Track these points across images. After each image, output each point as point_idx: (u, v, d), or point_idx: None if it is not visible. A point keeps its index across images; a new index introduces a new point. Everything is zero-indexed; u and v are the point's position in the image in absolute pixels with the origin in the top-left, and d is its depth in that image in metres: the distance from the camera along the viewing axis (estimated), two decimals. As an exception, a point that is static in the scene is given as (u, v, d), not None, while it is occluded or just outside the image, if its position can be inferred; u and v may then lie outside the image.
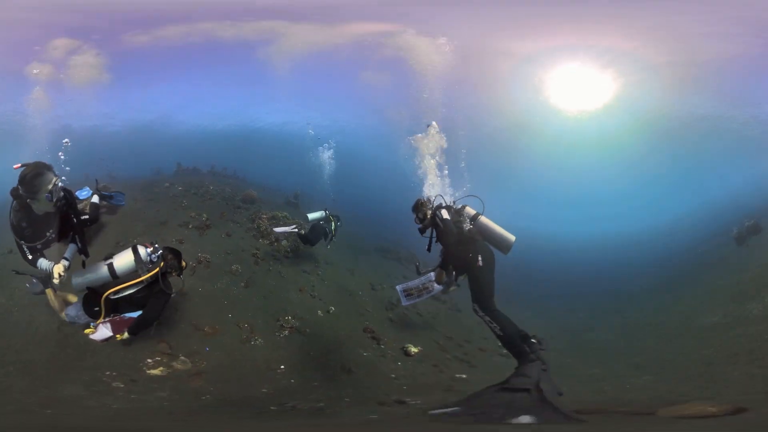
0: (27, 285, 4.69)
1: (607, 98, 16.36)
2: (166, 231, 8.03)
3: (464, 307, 8.77)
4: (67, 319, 4.55)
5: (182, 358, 4.68)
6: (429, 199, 5.23)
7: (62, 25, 12.05)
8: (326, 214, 8.51)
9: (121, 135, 18.91)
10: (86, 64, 13.38)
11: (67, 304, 4.79)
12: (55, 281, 4.13)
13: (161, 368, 4.44)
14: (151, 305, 4.35)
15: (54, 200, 4.02)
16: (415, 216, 5.13)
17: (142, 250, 4.39)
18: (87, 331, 4.32)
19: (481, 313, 4.31)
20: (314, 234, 8.13)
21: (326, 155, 16.22)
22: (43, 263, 4.19)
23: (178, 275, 4.63)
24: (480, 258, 4.55)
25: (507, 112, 17.91)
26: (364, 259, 11.09)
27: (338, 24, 12.58)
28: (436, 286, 6.35)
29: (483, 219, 5.07)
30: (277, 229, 8.43)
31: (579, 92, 16.11)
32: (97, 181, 5.39)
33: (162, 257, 4.44)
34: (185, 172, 15.16)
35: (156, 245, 4.47)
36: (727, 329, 5.01)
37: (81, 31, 12.50)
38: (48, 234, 4.20)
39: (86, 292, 4.39)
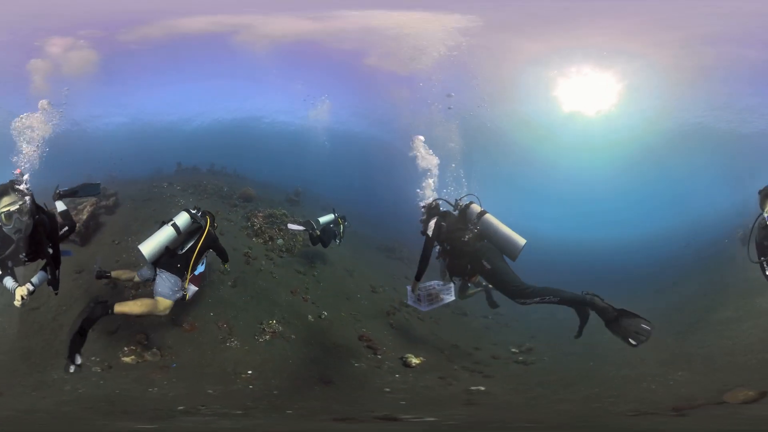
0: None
1: (612, 100, 15.83)
2: (162, 230, 8.06)
3: (470, 310, 8.54)
4: (173, 299, 4.72)
5: (154, 350, 4.85)
6: (434, 204, 5.21)
7: (52, 25, 12.02)
8: (335, 216, 8.60)
9: (121, 134, 18.92)
10: (80, 63, 13.34)
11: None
12: (17, 303, 3.93)
13: (133, 357, 4.73)
14: (217, 248, 5.30)
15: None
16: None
17: (191, 211, 5.09)
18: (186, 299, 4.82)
19: (528, 302, 4.32)
20: (327, 236, 8.20)
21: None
22: (8, 282, 4.03)
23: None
24: (485, 262, 4.54)
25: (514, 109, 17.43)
26: (364, 258, 10.82)
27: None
28: (446, 297, 5.50)
29: (489, 218, 4.83)
30: (291, 226, 8.41)
31: (584, 95, 15.59)
32: (58, 187, 5.15)
33: (204, 214, 5.22)
34: (185, 172, 15.06)
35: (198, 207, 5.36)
36: (740, 322, 5.30)
37: (73, 30, 12.45)
38: (21, 256, 4.07)
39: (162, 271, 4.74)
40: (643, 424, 3.48)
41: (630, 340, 3.90)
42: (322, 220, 8.34)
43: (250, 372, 4.72)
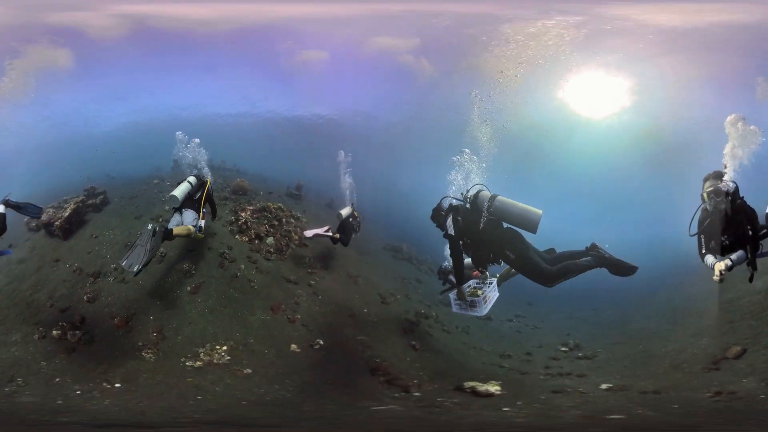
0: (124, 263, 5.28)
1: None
2: (139, 225, 7.58)
3: (493, 313, 7.46)
4: (195, 225, 6.10)
5: (77, 332, 5.08)
6: (441, 206, 5.28)
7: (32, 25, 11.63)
8: (352, 209, 8.16)
9: (118, 134, 18.55)
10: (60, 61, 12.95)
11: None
12: None
13: (59, 332, 5.12)
14: (212, 201, 7.02)
15: None
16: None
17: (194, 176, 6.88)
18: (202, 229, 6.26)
19: (553, 284, 4.62)
20: (347, 231, 7.77)
21: None
22: None
23: None
24: (507, 251, 4.72)
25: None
26: (369, 260, 9.73)
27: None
28: (493, 294, 5.58)
29: (501, 200, 4.86)
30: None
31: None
32: (8, 195, 5.91)
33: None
34: (181, 168, 14.36)
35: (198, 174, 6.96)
36: (739, 301, 6.47)
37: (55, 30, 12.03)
38: None
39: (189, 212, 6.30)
40: (721, 376, 4.49)
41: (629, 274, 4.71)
42: (344, 212, 7.91)
43: (118, 385, 4.18)
